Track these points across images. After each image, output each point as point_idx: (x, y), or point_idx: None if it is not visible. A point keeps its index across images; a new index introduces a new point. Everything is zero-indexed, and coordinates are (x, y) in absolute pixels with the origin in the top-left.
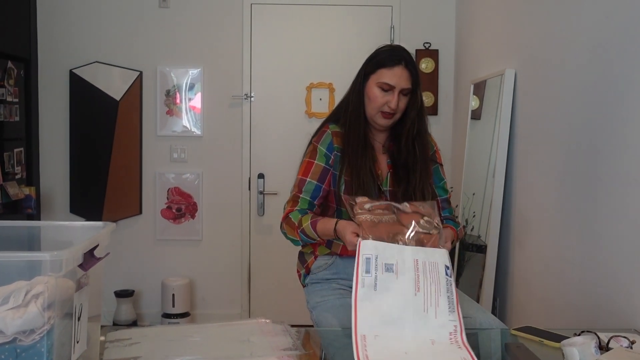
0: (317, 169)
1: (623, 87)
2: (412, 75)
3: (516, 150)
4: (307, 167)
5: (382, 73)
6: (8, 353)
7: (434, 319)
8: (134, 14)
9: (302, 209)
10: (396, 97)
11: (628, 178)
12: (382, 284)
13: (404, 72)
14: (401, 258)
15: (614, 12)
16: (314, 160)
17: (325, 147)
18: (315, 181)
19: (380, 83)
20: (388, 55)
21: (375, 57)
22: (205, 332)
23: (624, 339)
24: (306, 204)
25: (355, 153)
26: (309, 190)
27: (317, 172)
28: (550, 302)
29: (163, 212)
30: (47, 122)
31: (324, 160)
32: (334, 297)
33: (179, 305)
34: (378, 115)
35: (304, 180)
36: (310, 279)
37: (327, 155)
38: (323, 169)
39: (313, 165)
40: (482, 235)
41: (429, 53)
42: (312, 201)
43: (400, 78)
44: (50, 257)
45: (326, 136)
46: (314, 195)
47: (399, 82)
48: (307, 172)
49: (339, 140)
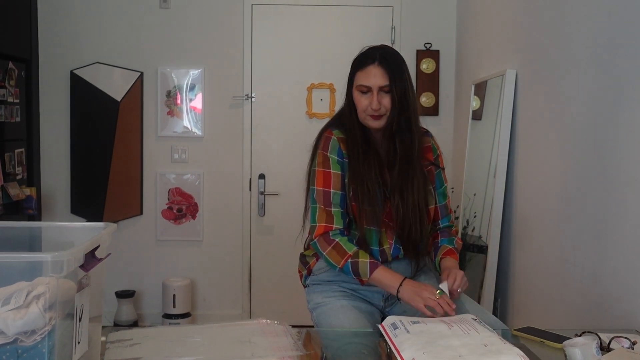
0: (336, 179)
1: (624, 87)
2: (387, 71)
3: (517, 150)
4: (325, 177)
5: (358, 76)
6: (9, 354)
7: (478, 334)
8: (134, 15)
9: (341, 230)
10: (375, 96)
11: (629, 178)
12: (413, 329)
13: (377, 69)
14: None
15: (615, 11)
16: (329, 169)
17: (337, 155)
18: (340, 191)
19: (359, 86)
20: (361, 56)
21: (353, 62)
22: (206, 332)
23: (626, 340)
24: (340, 217)
25: (360, 159)
26: (337, 202)
27: (337, 182)
28: (551, 303)
29: (164, 213)
30: (48, 123)
31: (339, 167)
32: (335, 298)
33: (179, 305)
34: (368, 118)
35: (329, 193)
36: (311, 280)
37: (340, 162)
38: (342, 176)
39: (331, 174)
40: (483, 235)
41: (429, 53)
42: (343, 212)
43: (374, 77)
44: (51, 258)
45: (333, 143)
46: (343, 206)
47: (374, 82)
48: (328, 184)
49: (344, 146)
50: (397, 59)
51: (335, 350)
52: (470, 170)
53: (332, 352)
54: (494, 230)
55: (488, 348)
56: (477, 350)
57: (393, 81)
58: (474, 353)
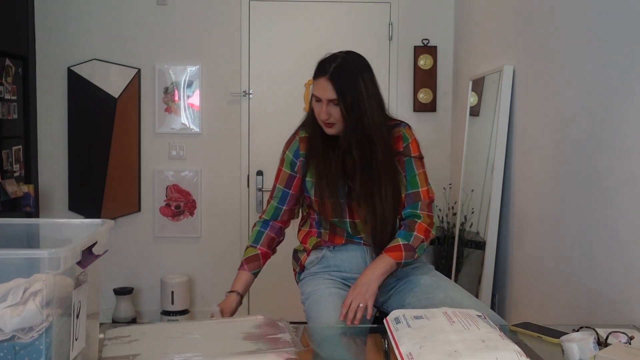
0: (284, 176)
1: (622, 83)
2: (335, 86)
3: (515, 146)
4: (278, 173)
5: (313, 84)
6: (7, 350)
7: (478, 330)
8: (131, 11)
9: (266, 221)
10: (324, 108)
11: (626, 174)
12: (415, 324)
13: (327, 83)
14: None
15: (612, 8)
16: (282, 167)
17: (292, 154)
18: (283, 187)
19: (313, 95)
20: (318, 66)
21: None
22: (205, 329)
23: (623, 335)
24: (272, 210)
25: (316, 156)
26: (277, 196)
27: (284, 179)
28: (548, 298)
29: (162, 210)
30: (45, 120)
31: (290, 167)
32: (324, 286)
33: (178, 302)
34: (322, 124)
35: (274, 186)
36: (303, 274)
37: (292, 162)
38: (289, 175)
39: (281, 172)
40: (480, 231)
41: (427, 50)
42: (279, 206)
43: (324, 90)
44: (48, 255)
45: (294, 143)
46: (282, 202)
47: (323, 94)
48: (277, 179)
49: (304, 145)
50: (351, 71)
51: (324, 344)
52: (468, 167)
53: (322, 346)
54: (492, 226)
55: (485, 344)
56: (474, 346)
57: (341, 96)
58: (470, 348)
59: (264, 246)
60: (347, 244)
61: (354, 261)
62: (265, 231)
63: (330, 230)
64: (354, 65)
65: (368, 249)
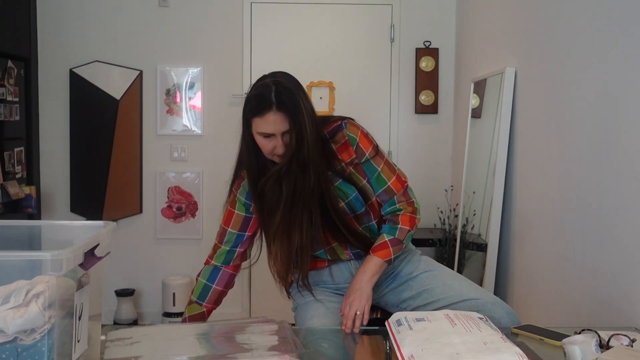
0: (238, 219)
1: (624, 84)
2: (286, 115)
3: (516, 148)
4: (228, 215)
5: (257, 122)
6: (9, 352)
7: (480, 332)
8: (134, 13)
9: (216, 267)
10: (280, 141)
11: (629, 176)
12: (416, 326)
13: (277, 116)
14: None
15: (614, 8)
16: (234, 209)
17: (244, 197)
18: (237, 230)
19: (260, 132)
20: (257, 101)
21: (247, 104)
22: (206, 331)
23: (625, 337)
24: (223, 255)
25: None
26: (230, 241)
27: (238, 222)
28: (550, 301)
29: (163, 211)
30: (47, 122)
31: (244, 209)
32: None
33: (179, 304)
34: (275, 157)
35: (225, 230)
36: (292, 287)
37: (246, 204)
38: (244, 217)
39: (234, 215)
40: (482, 233)
41: (429, 51)
42: (232, 250)
43: (275, 124)
44: (51, 257)
45: (244, 185)
46: (235, 245)
47: (275, 129)
48: (228, 222)
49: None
50: (292, 94)
51: (325, 347)
52: (470, 169)
53: (323, 349)
54: (494, 228)
55: (487, 346)
56: (475, 348)
57: (294, 122)
58: (472, 351)
59: (211, 302)
60: (333, 262)
61: (339, 275)
62: (212, 285)
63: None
64: (290, 86)
65: (352, 262)
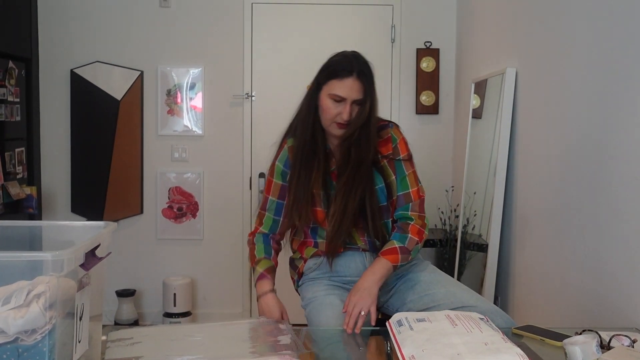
0: (276, 188)
1: (625, 85)
2: (364, 85)
3: (517, 149)
4: (268, 185)
5: (333, 84)
6: (10, 353)
7: (481, 333)
8: (134, 14)
9: (266, 234)
10: (348, 108)
11: (629, 176)
12: (417, 327)
13: (355, 83)
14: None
15: (616, 9)
16: (273, 178)
17: (283, 164)
18: (276, 199)
19: (332, 95)
20: (339, 66)
21: (327, 68)
22: (207, 331)
23: (626, 338)
24: (270, 222)
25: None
26: (272, 209)
27: (277, 190)
28: (551, 301)
29: (164, 212)
30: (48, 122)
31: (281, 178)
32: (324, 292)
33: (180, 304)
34: (333, 126)
35: (266, 198)
36: (302, 280)
37: (284, 172)
38: (281, 186)
39: (273, 183)
40: (483, 234)
41: (429, 52)
42: (276, 218)
43: (351, 90)
44: (52, 257)
45: (283, 153)
46: (278, 213)
47: (350, 94)
48: (269, 190)
49: (292, 155)
50: (371, 71)
51: (326, 347)
52: (471, 169)
53: (323, 349)
54: (494, 228)
55: (488, 347)
56: (476, 349)
57: (368, 95)
58: (473, 351)
59: (274, 259)
60: (346, 250)
61: (352, 265)
62: (270, 243)
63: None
64: (369, 63)
65: (367, 254)
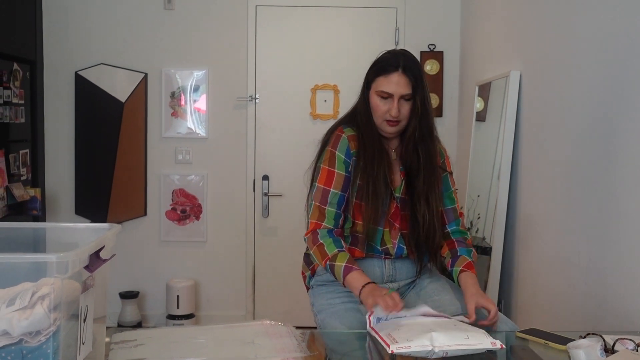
0: (339, 179)
1: (628, 87)
2: (410, 80)
3: (521, 152)
4: (329, 176)
5: (380, 81)
6: (14, 354)
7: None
8: (139, 16)
9: (330, 230)
10: (396, 104)
11: (634, 180)
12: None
13: (401, 78)
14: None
15: (619, 12)
16: (334, 168)
17: (344, 154)
18: (339, 191)
19: (379, 92)
20: (385, 62)
21: (374, 65)
22: (210, 333)
23: (630, 342)
24: (333, 217)
25: (372, 158)
26: (334, 202)
27: (340, 182)
28: (555, 305)
29: (168, 214)
30: (52, 124)
31: (344, 168)
32: (340, 300)
33: (183, 306)
34: (384, 124)
35: (327, 191)
36: (315, 280)
37: (346, 162)
38: (345, 177)
39: (335, 174)
40: (487, 237)
41: (433, 55)
42: (338, 212)
43: (397, 85)
44: (56, 259)
45: (342, 141)
46: (340, 207)
47: (396, 90)
48: (329, 182)
49: (354, 144)
50: (418, 66)
51: (341, 353)
52: (474, 172)
53: (337, 355)
54: (498, 231)
55: (457, 327)
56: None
57: (415, 90)
58: (443, 328)
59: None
60: (366, 257)
61: (369, 271)
62: (339, 238)
63: (352, 242)
64: (417, 60)
65: (387, 261)
